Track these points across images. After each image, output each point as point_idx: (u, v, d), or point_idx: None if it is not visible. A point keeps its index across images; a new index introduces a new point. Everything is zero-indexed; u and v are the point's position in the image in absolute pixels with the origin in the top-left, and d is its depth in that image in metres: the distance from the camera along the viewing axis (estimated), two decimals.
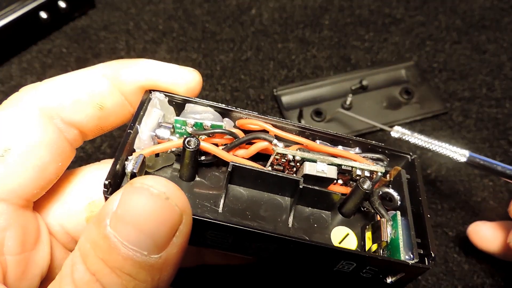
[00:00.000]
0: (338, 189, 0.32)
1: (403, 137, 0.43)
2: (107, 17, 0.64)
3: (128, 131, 0.28)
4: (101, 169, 0.33)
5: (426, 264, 0.28)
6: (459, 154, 0.41)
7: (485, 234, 0.44)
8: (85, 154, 0.52)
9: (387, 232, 0.29)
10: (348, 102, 0.57)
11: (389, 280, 0.30)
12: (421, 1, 0.71)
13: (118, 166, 0.26)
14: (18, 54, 0.59)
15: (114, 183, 0.26)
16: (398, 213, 0.30)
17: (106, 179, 0.25)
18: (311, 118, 0.57)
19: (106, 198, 0.25)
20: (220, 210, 0.30)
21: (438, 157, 0.55)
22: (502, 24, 0.69)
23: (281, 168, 0.31)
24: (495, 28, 0.68)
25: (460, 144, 0.56)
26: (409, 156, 0.33)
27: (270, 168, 0.31)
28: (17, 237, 0.27)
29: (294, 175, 0.31)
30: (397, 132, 0.43)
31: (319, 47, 0.64)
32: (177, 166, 0.32)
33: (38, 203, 0.30)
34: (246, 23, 0.66)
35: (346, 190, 0.32)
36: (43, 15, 0.58)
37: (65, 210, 0.31)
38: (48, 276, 0.30)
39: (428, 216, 0.30)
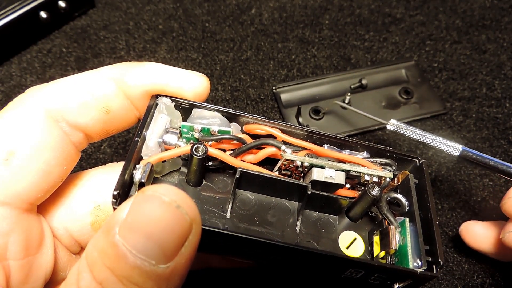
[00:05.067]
0: (346, 193, 0.32)
1: (399, 130, 0.42)
2: (107, 16, 0.64)
3: (136, 139, 0.27)
4: (107, 172, 0.33)
5: (434, 272, 0.28)
6: (453, 148, 0.41)
7: (477, 233, 0.44)
8: (85, 154, 0.52)
9: (396, 239, 0.29)
10: (347, 101, 0.57)
11: (396, 286, 0.30)
12: (421, 0, 0.71)
13: (126, 176, 0.26)
14: (18, 54, 0.59)
15: (123, 192, 0.26)
16: (407, 219, 0.30)
17: (114, 190, 0.25)
18: (310, 116, 0.57)
19: (114, 209, 0.25)
20: (227, 215, 0.30)
21: (438, 156, 0.55)
22: (502, 23, 0.69)
23: (289, 173, 0.31)
24: (495, 28, 0.68)
25: (460, 144, 0.56)
26: (417, 160, 0.32)
27: (277, 173, 0.31)
28: (21, 242, 0.27)
29: (302, 179, 0.31)
30: (392, 125, 0.43)
31: (319, 47, 0.64)
32: (184, 170, 0.31)
33: (43, 206, 0.30)
34: (246, 22, 0.66)
35: (354, 194, 0.32)
36: (43, 14, 0.58)
37: (70, 213, 0.31)
38: (51, 279, 0.30)
39: (437, 223, 0.29)
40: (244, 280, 0.46)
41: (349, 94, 0.57)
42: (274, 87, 0.58)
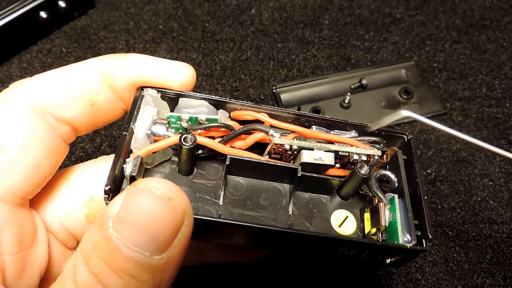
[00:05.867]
0: (336, 172, 0.32)
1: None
2: (107, 16, 0.64)
3: (124, 133, 0.28)
4: (99, 166, 0.33)
5: (424, 246, 0.28)
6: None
7: None
8: (85, 154, 0.52)
9: (385, 216, 0.30)
10: (346, 101, 0.57)
11: (388, 260, 0.30)
12: (421, 0, 0.71)
13: (116, 171, 0.26)
14: (18, 54, 0.59)
15: (114, 187, 0.26)
16: (396, 196, 0.31)
17: (106, 185, 0.25)
18: None
19: (107, 204, 0.25)
20: (220, 202, 0.30)
21: (438, 156, 0.55)
22: (502, 23, 0.69)
23: (279, 156, 0.32)
24: (495, 28, 0.68)
25: (460, 144, 0.56)
26: (405, 136, 0.33)
27: (267, 157, 0.31)
28: (14, 236, 0.27)
29: (292, 162, 0.32)
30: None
31: (319, 47, 0.64)
32: (175, 159, 0.32)
33: (36, 201, 0.30)
34: (246, 22, 0.66)
35: (345, 172, 0.33)
36: (43, 15, 0.58)
37: (64, 207, 0.31)
38: (47, 275, 0.30)
39: (425, 198, 0.30)
40: (241, 275, 0.46)
41: (349, 94, 0.57)
42: (274, 87, 0.58)
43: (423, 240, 0.28)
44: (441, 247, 0.49)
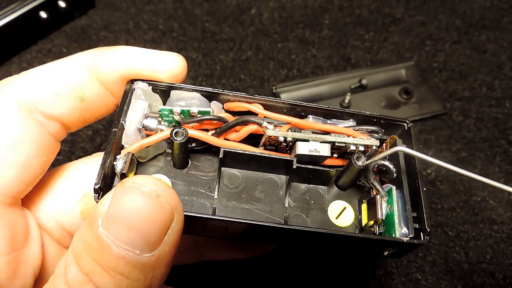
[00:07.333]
0: (334, 162, 0.31)
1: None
2: (107, 17, 0.64)
3: (113, 129, 0.27)
4: (93, 162, 0.32)
5: (422, 239, 0.27)
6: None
7: None
8: (85, 154, 0.52)
9: (382, 209, 0.29)
10: (346, 101, 0.57)
11: (385, 253, 0.30)
12: (421, 1, 0.71)
13: (106, 168, 0.26)
14: (18, 54, 0.59)
15: (105, 185, 0.26)
16: (394, 188, 0.30)
17: (95, 184, 0.25)
18: None
19: (97, 203, 0.25)
20: (215, 195, 0.30)
21: (438, 155, 0.55)
22: (502, 24, 0.69)
23: (274, 147, 0.31)
24: (495, 28, 0.68)
25: (460, 144, 0.56)
26: (405, 124, 0.31)
27: (262, 149, 0.31)
28: (6, 236, 0.26)
29: (288, 152, 0.31)
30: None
31: (319, 47, 0.64)
32: (169, 151, 0.31)
33: (29, 199, 0.30)
34: (246, 23, 0.66)
35: (343, 162, 0.32)
36: (43, 15, 0.58)
37: (58, 204, 0.30)
38: (42, 275, 0.30)
39: (424, 189, 0.29)
40: (238, 272, 0.46)
41: (349, 94, 0.57)
42: (274, 87, 0.58)
43: (421, 233, 0.28)
44: (441, 247, 0.49)
